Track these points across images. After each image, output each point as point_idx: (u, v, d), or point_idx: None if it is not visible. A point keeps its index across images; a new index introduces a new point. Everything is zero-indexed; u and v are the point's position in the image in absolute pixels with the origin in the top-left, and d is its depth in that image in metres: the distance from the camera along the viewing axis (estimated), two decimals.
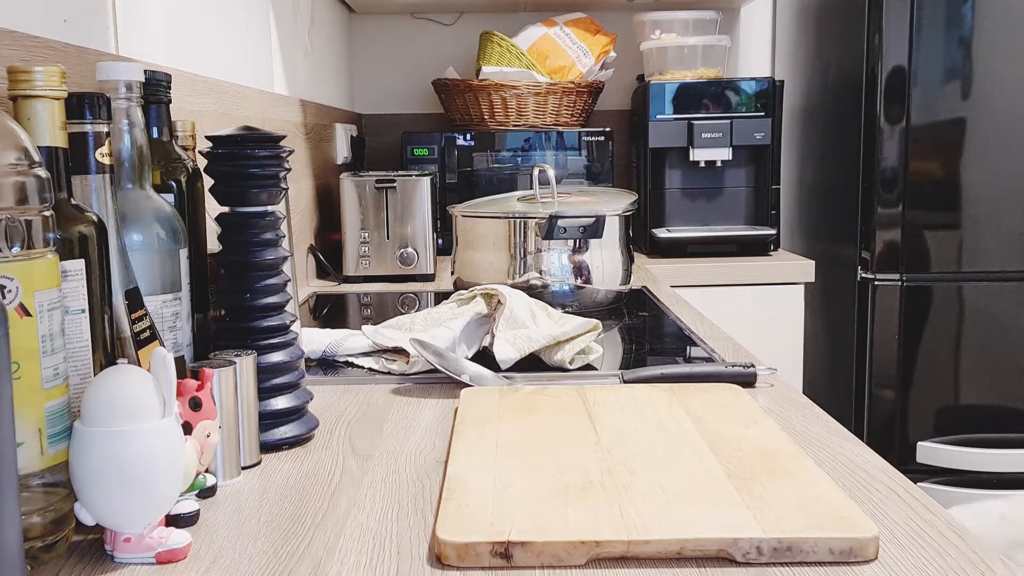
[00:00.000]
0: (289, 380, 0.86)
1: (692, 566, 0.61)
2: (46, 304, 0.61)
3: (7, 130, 0.59)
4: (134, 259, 0.79)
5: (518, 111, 2.28)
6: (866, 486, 0.75)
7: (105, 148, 0.74)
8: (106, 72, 0.82)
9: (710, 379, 1.03)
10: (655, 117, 2.25)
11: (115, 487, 0.60)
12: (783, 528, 0.62)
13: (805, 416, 0.94)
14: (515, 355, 1.08)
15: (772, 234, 2.26)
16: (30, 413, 0.60)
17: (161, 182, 0.94)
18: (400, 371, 1.09)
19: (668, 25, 2.41)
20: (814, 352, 2.37)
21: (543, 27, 2.34)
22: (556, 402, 0.93)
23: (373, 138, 2.62)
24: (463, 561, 0.61)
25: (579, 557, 0.61)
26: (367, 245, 1.87)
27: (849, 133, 2.20)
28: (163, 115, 0.95)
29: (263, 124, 1.56)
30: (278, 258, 0.85)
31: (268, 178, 0.84)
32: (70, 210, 0.69)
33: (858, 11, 2.12)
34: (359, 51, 2.66)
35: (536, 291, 1.45)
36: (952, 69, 2.06)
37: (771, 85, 2.25)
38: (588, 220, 1.47)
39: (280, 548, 0.65)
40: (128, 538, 0.63)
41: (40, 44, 0.87)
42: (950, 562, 0.61)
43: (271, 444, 0.84)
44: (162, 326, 0.84)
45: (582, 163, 2.27)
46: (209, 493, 0.74)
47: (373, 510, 0.71)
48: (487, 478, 0.72)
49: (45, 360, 0.61)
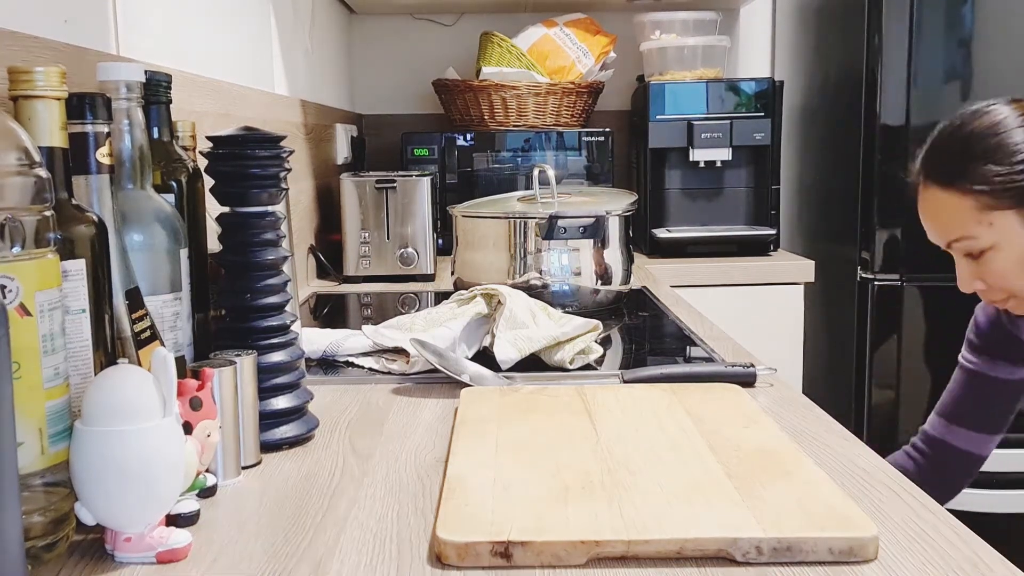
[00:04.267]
0: (289, 380, 0.86)
1: (692, 566, 0.61)
2: (46, 304, 0.61)
3: (8, 130, 0.59)
4: (134, 259, 0.79)
5: (518, 111, 2.28)
6: (866, 486, 0.75)
7: (106, 148, 0.74)
8: (106, 72, 0.82)
9: (710, 379, 1.03)
10: (655, 117, 2.25)
11: (115, 487, 0.60)
12: (783, 528, 0.62)
13: (805, 416, 0.94)
14: (515, 355, 1.08)
15: (772, 234, 2.26)
16: (31, 413, 0.60)
17: (161, 182, 0.94)
18: (400, 371, 1.09)
19: (668, 25, 2.41)
20: (814, 352, 2.37)
21: (543, 27, 2.34)
22: (556, 402, 0.93)
23: (373, 138, 2.62)
24: (463, 561, 0.61)
25: (579, 557, 0.61)
26: (367, 245, 1.87)
27: (849, 133, 2.20)
28: (163, 115, 0.95)
29: (263, 124, 1.56)
30: (278, 258, 0.85)
31: (268, 178, 0.84)
32: (71, 210, 0.69)
33: (858, 11, 2.12)
34: (359, 51, 2.66)
35: (536, 291, 1.45)
36: (952, 69, 2.06)
37: (771, 85, 2.25)
38: (588, 220, 1.47)
39: (280, 548, 0.65)
40: (129, 538, 0.63)
41: (41, 44, 0.87)
42: (950, 562, 0.61)
43: (271, 444, 0.84)
44: (162, 326, 0.84)
45: (582, 163, 2.27)
46: (209, 493, 0.74)
47: (373, 510, 0.71)
48: (487, 478, 0.72)
49: (45, 360, 0.61)
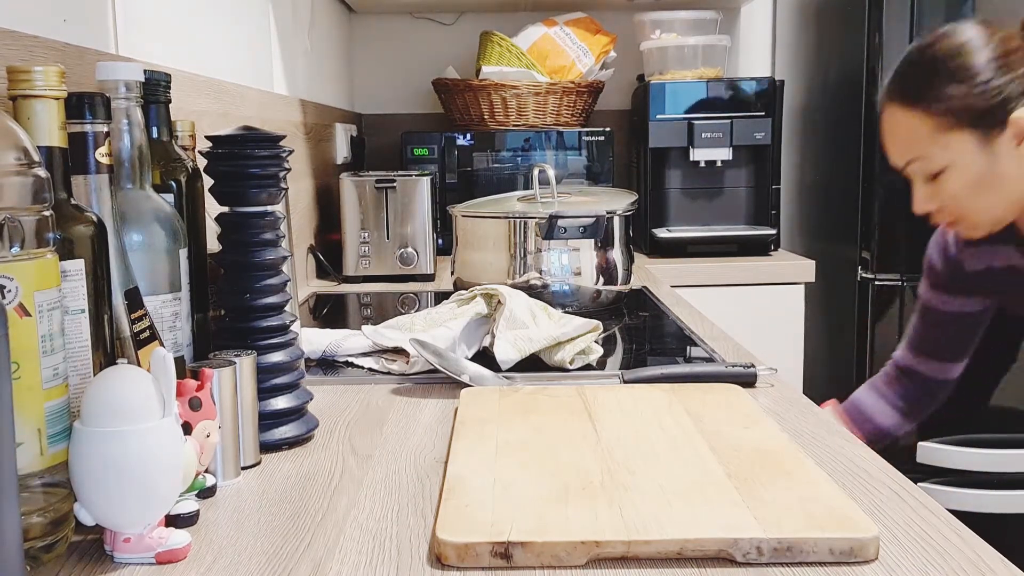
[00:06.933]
0: (289, 380, 0.86)
1: (692, 566, 0.61)
2: (46, 304, 0.61)
3: (7, 130, 0.59)
4: (134, 259, 0.79)
5: (518, 111, 2.27)
6: (866, 486, 0.75)
7: (105, 148, 0.74)
8: (106, 72, 0.82)
9: (710, 379, 1.03)
10: (655, 117, 2.25)
11: (115, 487, 0.60)
12: (783, 528, 0.62)
13: (805, 416, 0.93)
14: (515, 356, 1.08)
15: (772, 234, 2.26)
16: (30, 413, 0.60)
17: (161, 182, 0.94)
18: (400, 371, 1.09)
19: (668, 25, 2.41)
20: (814, 352, 2.36)
21: (543, 27, 2.34)
22: (556, 402, 0.93)
23: (373, 138, 2.62)
24: (463, 561, 0.61)
25: (579, 557, 0.61)
26: (367, 245, 1.87)
27: (849, 133, 2.20)
28: (163, 115, 0.95)
29: (263, 124, 1.56)
30: (278, 258, 0.85)
31: (268, 178, 0.84)
32: (70, 210, 0.69)
33: (858, 11, 2.12)
34: (359, 51, 2.66)
35: (536, 291, 1.45)
36: None
37: (771, 85, 2.25)
38: (588, 220, 1.47)
39: (280, 548, 0.65)
40: (128, 538, 0.63)
41: (40, 44, 0.87)
42: (951, 562, 0.61)
43: (271, 444, 0.84)
44: (162, 326, 0.84)
45: (582, 163, 2.27)
46: (209, 493, 0.74)
47: (373, 510, 0.71)
48: (487, 478, 0.72)
49: (45, 360, 0.61)
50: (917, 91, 1.28)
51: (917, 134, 1.28)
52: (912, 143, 1.30)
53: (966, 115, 1.24)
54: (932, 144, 1.27)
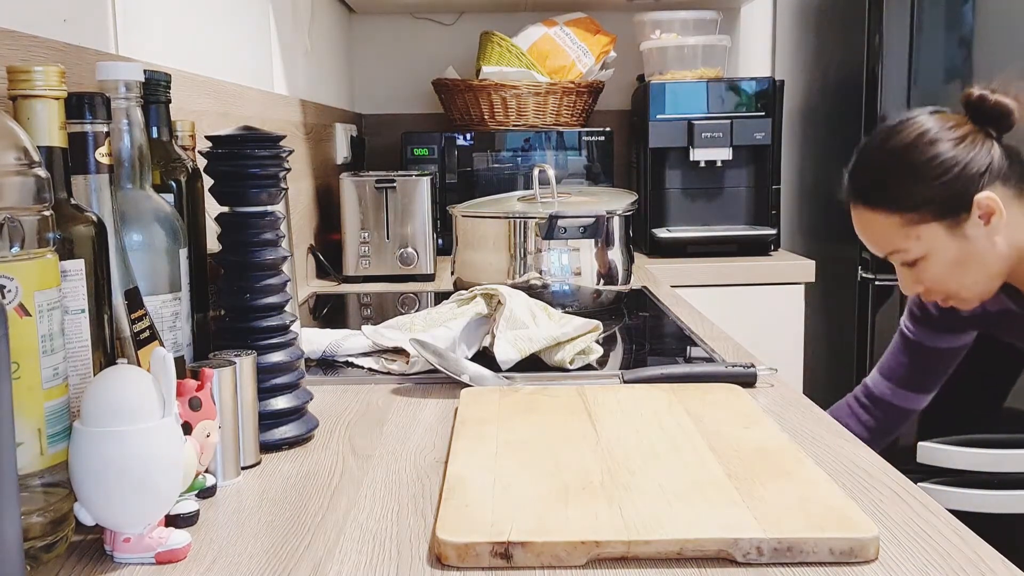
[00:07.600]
0: (289, 380, 0.86)
1: (692, 566, 0.61)
2: (46, 304, 0.61)
3: (7, 130, 0.59)
4: (134, 259, 0.79)
5: (518, 111, 2.27)
6: (866, 486, 0.75)
7: (105, 148, 0.74)
8: (106, 72, 0.82)
9: (710, 379, 1.03)
10: (655, 117, 2.25)
11: (115, 487, 0.60)
12: (783, 528, 0.62)
13: (805, 416, 0.93)
14: (516, 356, 1.08)
15: (772, 234, 2.26)
16: (30, 413, 0.60)
17: (161, 182, 0.94)
18: (400, 371, 1.09)
19: (668, 25, 2.41)
20: (814, 352, 2.36)
21: (543, 27, 2.34)
22: (556, 402, 0.92)
23: (373, 138, 2.62)
24: (463, 561, 0.61)
25: (579, 557, 0.61)
26: (367, 245, 1.87)
27: (849, 133, 2.20)
28: (163, 115, 0.95)
29: (263, 124, 1.56)
30: (278, 258, 0.85)
31: (268, 178, 0.84)
32: (70, 210, 0.69)
33: (858, 11, 2.12)
34: (359, 51, 2.66)
35: (536, 291, 1.45)
36: (952, 69, 2.05)
37: (771, 85, 2.25)
38: (588, 220, 1.47)
39: (280, 548, 0.65)
40: (128, 538, 0.63)
41: (40, 44, 0.87)
42: (950, 562, 0.61)
43: (271, 444, 0.84)
44: (162, 326, 0.84)
45: (582, 163, 2.27)
46: (209, 493, 0.74)
47: (373, 510, 0.71)
48: (487, 478, 0.72)
49: (45, 360, 0.61)
50: (881, 193, 1.32)
51: (888, 232, 1.33)
52: (885, 240, 1.34)
53: (931, 208, 1.28)
54: (905, 239, 1.32)
